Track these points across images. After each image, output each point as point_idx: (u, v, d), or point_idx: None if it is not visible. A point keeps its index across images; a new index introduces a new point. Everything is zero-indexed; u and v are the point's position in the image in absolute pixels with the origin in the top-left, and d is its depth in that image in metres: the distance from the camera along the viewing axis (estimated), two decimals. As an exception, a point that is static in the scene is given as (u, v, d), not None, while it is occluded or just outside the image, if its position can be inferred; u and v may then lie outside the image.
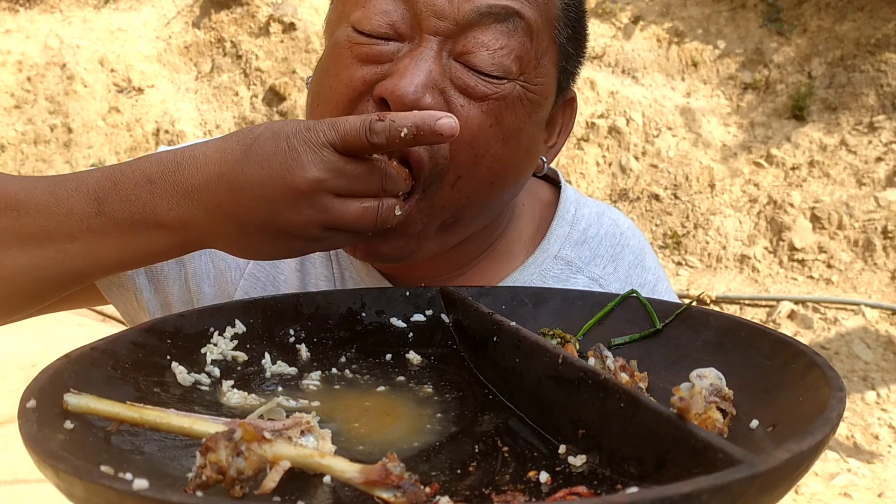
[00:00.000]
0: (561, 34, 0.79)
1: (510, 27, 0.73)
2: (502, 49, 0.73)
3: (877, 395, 3.88)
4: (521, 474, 0.53)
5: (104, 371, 0.59)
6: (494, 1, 0.72)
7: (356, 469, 0.47)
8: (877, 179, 4.91)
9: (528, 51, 0.75)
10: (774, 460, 0.40)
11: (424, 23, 0.72)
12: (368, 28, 0.74)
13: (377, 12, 0.73)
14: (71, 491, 0.41)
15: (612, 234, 0.95)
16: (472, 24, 0.72)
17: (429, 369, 0.72)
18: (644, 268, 0.96)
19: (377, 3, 0.74)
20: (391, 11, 0.73)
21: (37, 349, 4.19)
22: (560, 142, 0.88)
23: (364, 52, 0.74)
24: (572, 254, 0.92)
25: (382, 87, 0.72)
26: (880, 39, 5.32)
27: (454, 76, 0.73)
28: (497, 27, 0.73)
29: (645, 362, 0.68)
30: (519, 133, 0.77)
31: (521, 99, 0.76)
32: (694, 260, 4.97)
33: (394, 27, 0.73)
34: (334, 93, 0.75)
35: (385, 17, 0.73)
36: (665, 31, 5.93)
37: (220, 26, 7.11)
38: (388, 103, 0.72)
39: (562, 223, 0.93)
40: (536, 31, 0.75)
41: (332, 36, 0.80)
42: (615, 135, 5.58)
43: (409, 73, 0.71)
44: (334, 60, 0.76)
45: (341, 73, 0.75)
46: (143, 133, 6.93)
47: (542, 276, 0.91)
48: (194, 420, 0.53)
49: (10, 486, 3.13)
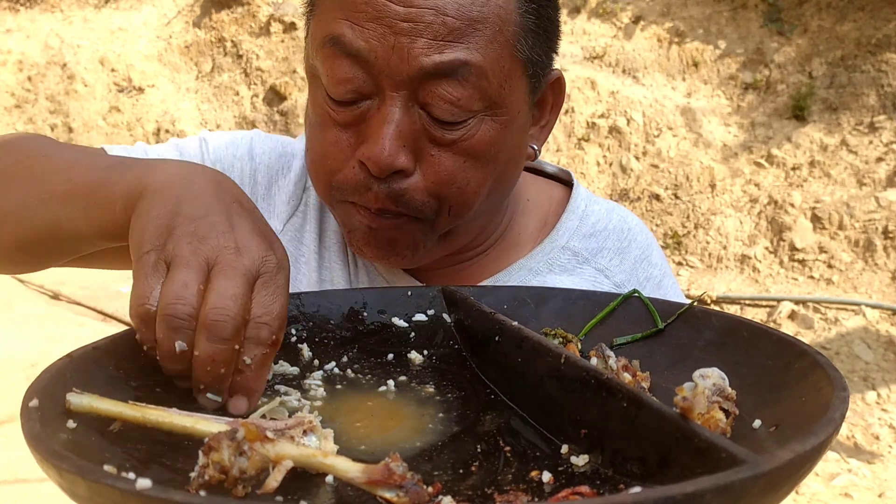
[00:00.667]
0: (524, 48, 0.79)
1: (461, 77, 0.75)
2: (459, 99, 0.75)
3: (877, 396, 3.88)
4: (524, 474, 0.53)
5: (106, 370, 0.59)
6: (439, 59, 0.74)
7: (359, 469, 0.47)
8: (877, 179, 4.92)
9: (487, 88, 0.77)
10: (778, 460, 0.40)
11: (384, 81, 0.75)
12: (337, 97, 0.78)
13: (340, 80, 0.76)
14: (74, 490, 0.41)
15: (620, 230, 0.98)
16: (427, 79, 0.75)
17: (430, 369, 0.72)
18: (650, 263, 0.98)
19: (338, 70, 0.76)
20: (353, 78, 0.76)
21: (37, 349, 4.20)
22: (552, 118, 0.90)
23: (342, 119, 0.79)
24: (580, 245, 0.95)
25: (360, 152, 0.77)
26: (881, 39, 5.32)
27: (423, 127, 0.77)
28: (449, 80, 0.75)
29: (647, 362, 0.68)
30: (495, 153, 0.80)
31: (491, 126, 0.79)
32: (694, 260, 4.97)
33: (359, 91, 0.77)
34: (325, 156, 0.81)
35: (349, 85, 0.76)
36: (666, 31, 5.93)
37: (221, 26, 7.11)
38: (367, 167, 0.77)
39: (571, 217, 0.96)
40: (490, 67, 0.76)
41: (311, 85, 0.83)
42: (616, 135, 5.58)
43: (381, 139, 0.75)
44: (319, 121, 0.81)
45: (327, 137, 0.80)
46: (144, 132, 6.93)
47: (549, 264, 0.93)
48: (197, 419, 0.53)
49: (11, 485, 3.13)
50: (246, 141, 0.98)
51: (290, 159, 0.98)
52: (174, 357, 0.57)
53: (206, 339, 0.57)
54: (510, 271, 0.92)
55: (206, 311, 0.57)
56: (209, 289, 0.58)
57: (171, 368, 0.58)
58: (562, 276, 0.93)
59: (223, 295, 0.58)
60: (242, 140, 0.99)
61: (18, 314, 5.06)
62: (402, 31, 0.73)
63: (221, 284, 0.58)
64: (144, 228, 0.61)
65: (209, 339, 0.57)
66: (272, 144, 0.99)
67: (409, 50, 0.73)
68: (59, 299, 5.28)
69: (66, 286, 5.48)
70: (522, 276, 0.92)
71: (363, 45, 0.74)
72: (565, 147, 5.58)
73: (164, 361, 0.58)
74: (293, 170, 0.97)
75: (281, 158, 0.98)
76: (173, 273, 0.58)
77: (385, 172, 0.76)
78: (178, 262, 0.59)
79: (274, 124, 6.70)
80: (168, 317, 0.57)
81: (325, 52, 0.77)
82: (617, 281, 0.94)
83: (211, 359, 0.57)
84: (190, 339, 0.57)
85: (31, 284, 5.62)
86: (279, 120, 6.69)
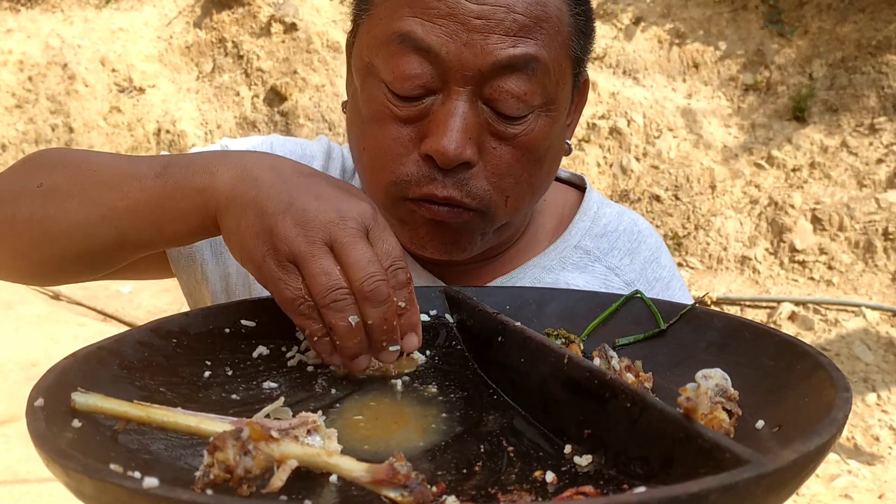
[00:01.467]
0: (576, 47, 0.84)
1: (530, 72, 0.78)
2: (526, 94, 0.78)
3: (877, 397, 3.88)
4: (527, 474, 0.53)
5: (111, 370, 0.60)
6: (512, 52, 0.76)
7: (363, 468, 0.47)
8: (878, 181, 4.92)
9: (548, 84, 0.80)
10: (782, 460, 0.40)
11: (452, 77, 0.77)
12: (402, 93, 0.79)
13: (408, 76, 0.78)
14: (80, 489, 0.41)
15: (631, 231, 1.01)
16: (495, 74, 0.77)
17: (433, 369, 0.72)
18: (659, 264, 1.01)
19: (405, 66, 0.77)
20: (421, 74, 0.77)
21: (37, 349, 4.19)
22: (576, 118, 0.95)
23: (405, 115, 0.80)
24: (591, 244, 0.98)
25: (427, 145, 0.79)
26: (881, 41, 5.32)
27: (486, 122, 0.79)
28: (518, 75, 0.78)
29: (649, 363, 0.68)
30: (547, 148, 0.84)
31: (545, 121, 0.82)
32: (695, 261, 4.97)
33: (425, 87, 0.78)
34: (385, 152, 0.82)
35: (416, 81, 0.78)
36: (666, 32, 5.93)
37: (222, 26, 7.11)
38: (433, 159, 0.78)
39: (584, 218, 1.00)
40: (553, 65, 0.80)
41: (364, 83, 0.83)
42: (616, 136, 5.59)
43: (448, 131, 0.77)
44: (376, 118, 0.82)
45: (387, 133, 0.81)
46: (145, 133, 6.93)
47: (562, 262, 0.96)
48: (201, 419, 0.53)
49: (11, 486, 3.13)
50: (266, 146, 1.00)
51: (311, 160, 0.99)
52: (353, 331, 0.64)
53: (372, 307, 0.64)
54: (525, 268, 0.95)
55: (359, 285, 0.64)
56: (347, 265, 0.64)
57: (350, 344, 0.64)
58: (574, 274, 0.95)
59: (362, 264, 0.64)
60: (262, 145, 1.00)
61: (18, 314, 5.05)
62: (475, 27, 0.76)
63: (354, 255, 0.64)
64: (244, 242, 0.66)
65: (374, 305, 0.64)
66: (292, 147, 1.01)
67: (482, 45, 0.76)
68: (60, 299, 5.27)
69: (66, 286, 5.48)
70: (536, 274, 0.95)
71: (435, 41, 0.76)
72: (566, 148, 5.58)
73: (343, 340, 0.64)
74: None
75: (301, 161, 0.99)
76: (309, 266, 0.64)
77: (453, 164, 0.78)
78: (305, 256, 0.64)
79: (274, 125, 6.70)
80: (333, 304, 0.63)
81: (391, 49, 0.78)
82: (627, 279, 0.97)
83: (384, 319, 0.65)
84: (357, 313, 0.64)
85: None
86: (279, 121, 6.69)
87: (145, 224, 0.74)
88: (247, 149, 0.98)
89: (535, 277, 0.94)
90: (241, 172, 0.70)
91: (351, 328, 0.64)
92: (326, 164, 1.01)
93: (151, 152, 6.90)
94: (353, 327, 0.64)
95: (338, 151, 1.03)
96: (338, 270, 0.64)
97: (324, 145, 1.02)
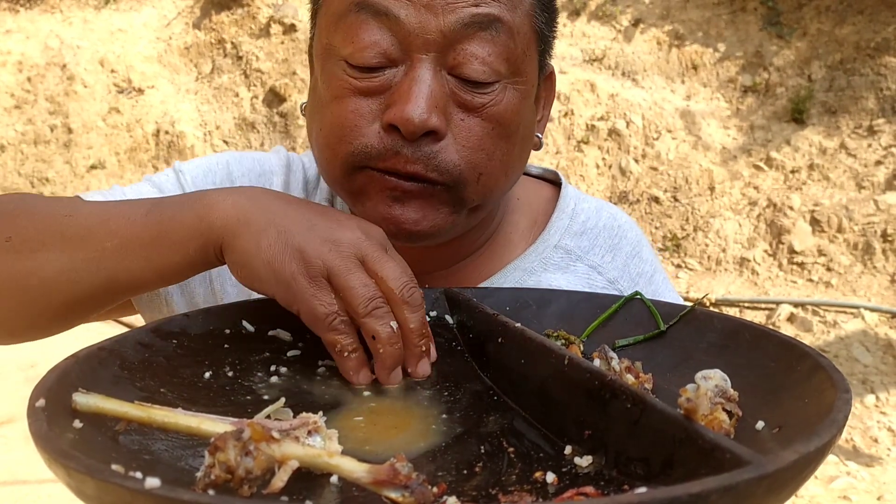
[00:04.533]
0: (539, 20, 0.82)
1: (493, 33, 0.76)
2: (490, 56, 0.76)
3: (876, 399, 3.88)
4: (528, 475, 0.53)
5: (112, 371, 0.60)
6: (476, 10, 0.75)
7: (364, 469, 0.47)
8: (876, 183, 4.92)
9: (514, 50, 0.78)
10: (782, 461, 0.40)
11: (414, 42, 0.75)
12: (363, 62, 0.76)
13: (367, 45, 0.75)
14: (82, 489, 0.41)
15: (611, 227, 0.99)
16: (458, 37, 0.75)
17: (433, 370, 0.72)
18: (641, 258, 0.98)
19: (364, 36, 0.75)
20: (380, 41, 0.75)
21: (37, 349, 4.18)
22: (546, 114, 0.93)
23: (365, 87, 0.77)
24: (572, 243, 0.96)
25: (390, 114, 0.75)
26: (880, 43, 5.33)
27: (451, 91, 0.77)
28: (482, 35, 0.76)
29: (649, 364, 0.68)
30: (518, 124, 0.82)
31: (514, 94, 0.80)
32: (693, 262, 4.98)
33: (386, 55, 0.76)
34: (344, 124, 0.78)
35: (376, 49, 0.75)
36: (665, 33, 5.94)
37: (221, 27, 7.12)
38: (398, 128, 0.75)
39: (561, 216, 0.97)
40: (517, 29, 0.78)
41: (323, 67, 0.81)
42: (615, 137, 5.59)
43: (413, 98, 0.74)
44: (335, 95, 0.79)
45: (346, 106, 0.78)
46: (144, 134, 6.93)
47: (543, 263, 0.94)
48: (202, 420, 0.53)
49: (10, 486, 3.13)
50: (223, 166, 0.97)
51: (270, 177, 0.97)
52: (395, 336, 0.67)
53: (411, 311, 0.67)
54: (505, 272, 0.93)
55: (397, 294, 0.67)
56: (381, 278, 0.67)
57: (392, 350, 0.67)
58: (556, 275, 0.93)
59: (395, 273, 0.67)
60: (219, 165, 0.97)
61: (17, 315, 5.04)
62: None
63: (387, 267, 0.68)
64: (269, 262, 0.66)
65: (412, 310, 0.68)
66: (250, 165, 0.97)
67: (443, 6, 0.74)
68: (58, 300, 5.27)
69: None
70: (518, 277, 0.93)
71: (394, 4, 0.74)
72: (564, 149, 5.58)
73: (387, 346, 0.66)
74: (274, 186, 0.96)
75: (261, 178, 0.97)
76: (347, 280, 0.66)
77: (419, 132, 0.74)
78: (342, 270, 0.66)
79: (273, 126, 6.70)
80: (374, 311, 0.66)
81: (349, 20, 0.76)
82: (610, 277, 0.95)
83: (422, 323, 0.68)
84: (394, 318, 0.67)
85: (30, 285, 5.60)
86: (279, 121, 6.69)
87: (137, 262, 0.71)
88: (201, 169, 0.96)
89: (516, 280, 0.92)
90: (245, 198, 0.70)
91: (394, 333, 0.66)
92: (287, 177, 0.98)
93: (151, 153, 6.90)
94: (395, 332, 0.66)
95: (298, 163, 0.99)
96: (374, 284, 0.67)
97: (282, 158, 0.99)
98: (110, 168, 6.94)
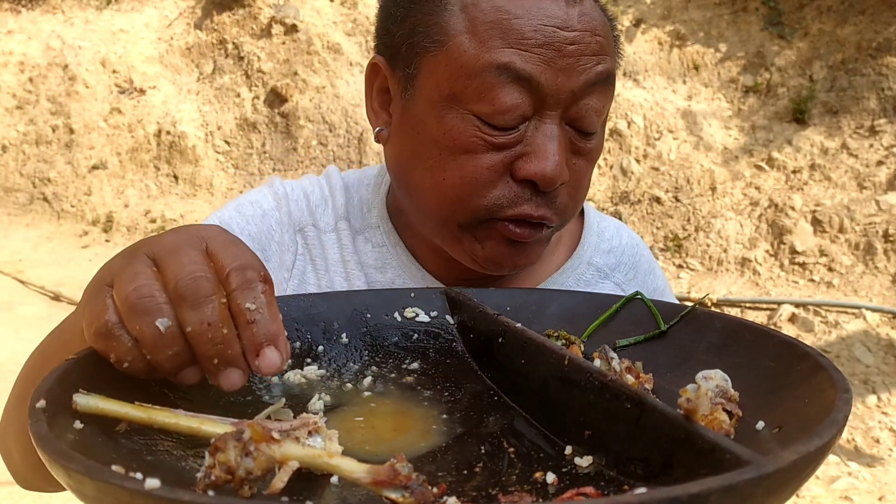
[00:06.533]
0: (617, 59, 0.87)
1: (607, 86, 0.82)
2: (603, 107, 0.83)
3: (877, 399, 3.88)
4: (528, 475, 0.53)
5: (112, 371, 0.59)
6: (599, 68, 0.80)
7: (364, 469, 0.47)
8: (878, 183, 4.92)
9: (612, 96, 0.85)
10: (782, 461, 0.40)
11: (548, 102, 0.79)
12: (502, 124, 0.79)
13: (509, 108, 0.78)
14: (82, 490, 0.41)
15: (631, 245, 1.05)
16: (583, 94, 0.80)
17: (434, 370, 0.72)
18: (655, 275, 1.05)
19: (507, 99, 0.78)
20: (521, 104, 0.79)
21: (38, 350, 4.19)
22: None
23: (500, 143, 0.80)
24: (601, 261, 1.01)
25: (528, 170, 0.80)
26: (881, 43, 5.33)
27: (569, 141, 0.83)
28: (599, 89, 0.81)
29: (649, 364, 0.68)
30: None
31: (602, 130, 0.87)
32: (695, 263, 4.98)
33: (524, 116, 0.80)
34: (478, 179, 0.81)
35: (518, 111, 0.79)
36: (667, 34, 5.94)
37: (222, 28, 7.12)
38: (533, 183, 0.80)
39: (590, 233, 1.02)
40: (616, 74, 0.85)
41: (443, 116, 0.81)
42: (616, 137, 5.59)
43: (550, 155, 0.79)
44: (466, 149, 0.81)
45: (481, 162, 0.81)
46: (145, 134, 6.93)
47: (577, 280, 0.99)
48: (202, 420, 0.53)
49: (10, 487, 3.13)
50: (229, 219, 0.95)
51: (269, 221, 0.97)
52: (161, 339, 0.52)
53: (190, 308, 0.52)
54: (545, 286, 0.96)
55: (173, 286, 0.52)
56: (164, 269, 0.53)
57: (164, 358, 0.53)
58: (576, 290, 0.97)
59: (181, 264, 0.53)
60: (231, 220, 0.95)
61: (19, 315, 5.06)
62: (569, 53, 0.78)
63: (174, 259, 0.53)
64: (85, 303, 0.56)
65: (192, 306, 0.51)
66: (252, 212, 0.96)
67: (576, 68, 0.79)
68: (60, 300, 5.28)
69: (66, 287, 5.48)
70: None
71: (535, 70, 0.77)
72: (566, 150, 5.59)
73: (154, 353, 0.52)
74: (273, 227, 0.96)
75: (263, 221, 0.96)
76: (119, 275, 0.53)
77: (554, 186, 0.81)
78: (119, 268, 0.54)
79: (275, 126, 6.70)
80: (133, 303, 0.51)
81: (487, 80, 0.78)
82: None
83: (205, 323, 0.52)
84: (170, 316, 0.52)
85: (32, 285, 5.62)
86: (280, 122, 6.69)
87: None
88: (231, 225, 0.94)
89: None
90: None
91: (158, 334, 0.51)
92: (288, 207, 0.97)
93: (152, 153, 6.90)
94: (163, 332, 0.51)
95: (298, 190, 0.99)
96: (151, 274, 0.53)
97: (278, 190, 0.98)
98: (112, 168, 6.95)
